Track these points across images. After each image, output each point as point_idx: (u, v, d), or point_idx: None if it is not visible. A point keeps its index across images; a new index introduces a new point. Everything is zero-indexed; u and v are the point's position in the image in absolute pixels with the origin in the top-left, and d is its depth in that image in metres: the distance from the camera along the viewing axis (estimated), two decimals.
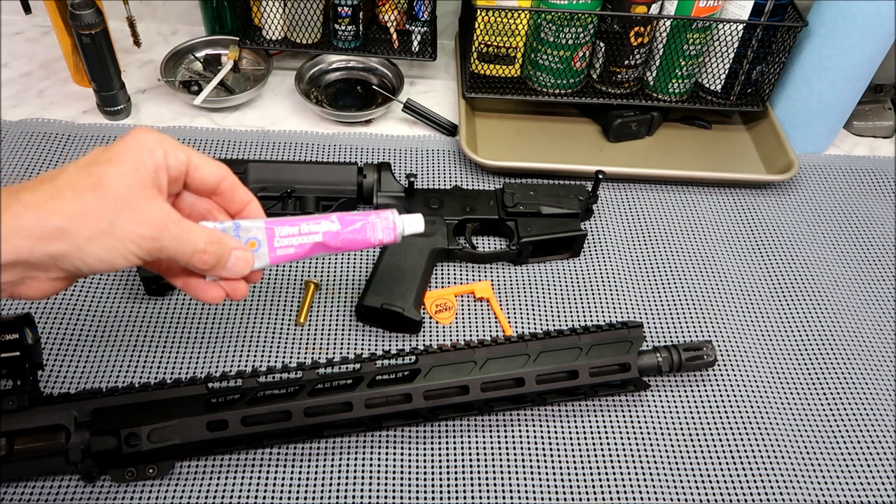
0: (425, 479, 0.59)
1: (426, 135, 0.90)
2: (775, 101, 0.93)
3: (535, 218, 0.75)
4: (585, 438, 0.62)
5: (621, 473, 0.60)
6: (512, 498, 0.58)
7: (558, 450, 0.61)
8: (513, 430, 0.62)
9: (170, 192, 0.46)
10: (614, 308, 0.73)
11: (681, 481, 0.60)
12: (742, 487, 0.60)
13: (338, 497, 0.57)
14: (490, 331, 0.70)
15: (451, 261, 0.75)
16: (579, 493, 0.59)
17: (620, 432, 0.63)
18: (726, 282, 0.76)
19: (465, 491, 0.58)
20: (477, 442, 0.61)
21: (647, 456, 0.62)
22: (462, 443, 0.61)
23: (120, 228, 0.41)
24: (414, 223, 0.55)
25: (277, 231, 0.49)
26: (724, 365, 0.69)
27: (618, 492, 0.59)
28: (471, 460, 0.60)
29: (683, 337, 0.71)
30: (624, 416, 0.64)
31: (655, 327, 0.71)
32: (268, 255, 0.49)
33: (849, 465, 0.63)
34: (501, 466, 0.60)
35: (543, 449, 0.61)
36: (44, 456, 0.53)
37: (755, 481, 0.61)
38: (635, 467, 0.61)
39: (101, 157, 0.42)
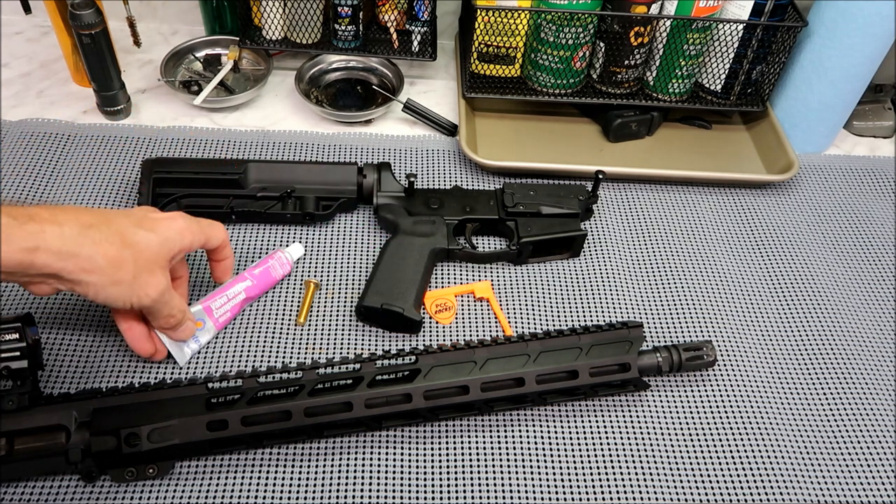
0: (425, 479, 0.59)
1: (426, 135, 0.90)
2: (775, 101, 0.93)
3: (535, 218, 0.75)
4: (585, 438, 0.62)
5: (621, 473, 0.60)
6: (512, 498, 0.58)
7: (558, 450, 0.61)
8: (513, 430, 0.62)
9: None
10: (614, 308, 0.73)
11: (681, 481, 0.60)
12: (742, 487, 0.60)
13: (338, 497, 0.57)
14: (490, 331, 0.70)
15: (451, 261, 0.75)
16: (579, 493, 0.59)
17: (620, 432, 0.63)
18: (726, 282, 0.76)
19: (465, 491, 0.58)
20: (477, 442, 0.61)
21: (647, 456, 0.62)
22: (462, 443, 0.61)
23: (138, 284, 0.52)
24: (296, 251, 0.72)
25: (213, 306, 0.65)
26: (724, 365, 0.69)
27: (618, 492, 0.59)
28: (471, 460, 0.60)
29: (683, 337, 0.71)
30: (624, 416, 0.64)
31: (655, 327, 0.71)
32: (214, 327, 0.65)
33: (849, 465, 0.63)
34: (501, 466, 0.60)
35: (543, 449, 0.61)
36: (44, 456, 0.53)
37: (755, 481, 0.61)
38: (635, 467, 0.61)
39: (146, 223, 0.54)
